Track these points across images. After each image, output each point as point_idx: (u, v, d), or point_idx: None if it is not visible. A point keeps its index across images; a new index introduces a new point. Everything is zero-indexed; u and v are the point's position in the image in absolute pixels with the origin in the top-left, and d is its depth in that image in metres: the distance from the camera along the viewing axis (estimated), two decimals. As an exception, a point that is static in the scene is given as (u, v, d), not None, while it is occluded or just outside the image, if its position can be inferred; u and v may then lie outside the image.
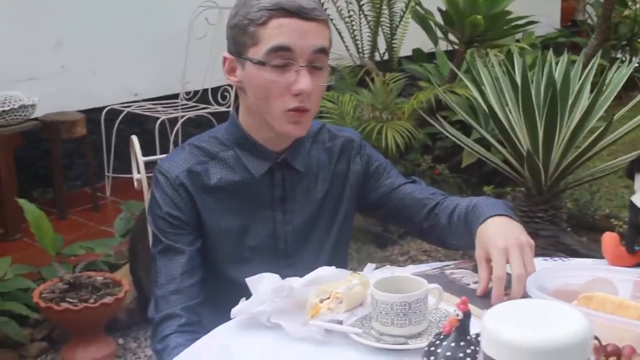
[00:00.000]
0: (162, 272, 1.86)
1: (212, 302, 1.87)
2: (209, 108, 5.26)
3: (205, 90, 5.36)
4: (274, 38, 1.74)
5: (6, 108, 4.30)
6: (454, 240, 1.95)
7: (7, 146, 4.37)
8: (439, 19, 5.34)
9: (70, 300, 3.45)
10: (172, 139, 5.03)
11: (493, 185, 4.91)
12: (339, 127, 2.08)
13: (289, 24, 1.74)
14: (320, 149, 2.00)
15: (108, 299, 3.46)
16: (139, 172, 2.31)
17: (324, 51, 1.79)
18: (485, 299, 1.64)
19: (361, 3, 5.38)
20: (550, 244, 3.95)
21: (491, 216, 1.76)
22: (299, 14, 1.74)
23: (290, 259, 1.95)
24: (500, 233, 1.70)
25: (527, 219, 4.00)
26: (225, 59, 1.84)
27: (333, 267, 1.74)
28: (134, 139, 2.33)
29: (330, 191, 1.99)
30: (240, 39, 1.78)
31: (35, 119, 4.60)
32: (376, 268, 1.86)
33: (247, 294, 1.65)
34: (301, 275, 1.70)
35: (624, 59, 6.21)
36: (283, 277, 1.69)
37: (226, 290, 1.84)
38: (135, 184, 2.31)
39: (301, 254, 1.96)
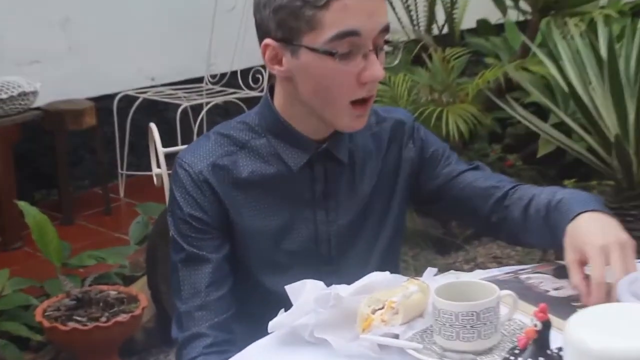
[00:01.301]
0: (185, 284, 1.87)
1: (246, 316, 1.88)
2: (238, 93, 5.29)
3: (233, 73, 5.39)
4: (339, 22, 1.71)
5: (3, 96, 4.33)
6: (529, 238, 1.94)
7: (5, 140, 4.42)
8: (508, -17, 5.32)
9: (79, 318, 3.48)
10: (195, 129, 5.07)
11: (575, 179, 4.86)
12: (387, 108, 2.07)
13: (354, 4, 1.71)
14: (366, 135, 1.98)
15: (122, 317, 3.50)
16: (158, 166, 2.32)
17: (387, 29, 1.79)
18: (567, 306, 1.63)
19: (416, -34, 5.37)
20: (644, 245, 3.91)
21: (583, 212, 1.75)
22: None
23: (334, 265, 1.95)
24: (597, 230, 1.70)
25: (617, 217, 3.95)
26: (266, 46, 1.80)
27: (387, 273, 1.73)
28: (153, 127, 2.35)
29: (379, 184, 1.99)
30: (291, 23, 1.74)
31: (37, 108, 4.66)
32: (437, 273, 1.86)
33: (287, 305, 1.66)
34: (347, 284, 1.71)
35: None
36: (327, 284, 1.70)
37: (261, 301, 1.85)
38: (155, 179, 2.32)
39: (347, 258, 1.96)
